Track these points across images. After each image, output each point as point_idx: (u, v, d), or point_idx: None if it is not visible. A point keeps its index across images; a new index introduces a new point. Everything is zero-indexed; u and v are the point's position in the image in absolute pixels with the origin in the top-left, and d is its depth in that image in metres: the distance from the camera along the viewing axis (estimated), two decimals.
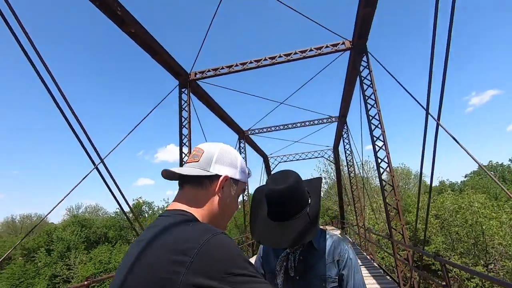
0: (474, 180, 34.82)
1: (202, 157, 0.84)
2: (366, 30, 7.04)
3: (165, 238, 0.68)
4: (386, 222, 7.05)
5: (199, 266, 0.61)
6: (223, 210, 0.83)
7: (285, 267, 1.20)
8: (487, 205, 15.58)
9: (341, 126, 14.92)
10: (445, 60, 3.56)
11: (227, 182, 0.83)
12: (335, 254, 1.19)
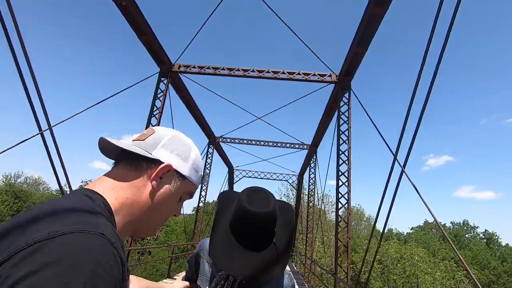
0: (419, 234, 36.90)
1: (150, 137, 0.69)
2: (353, 68, 7.28)
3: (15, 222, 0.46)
4: (334, 258, 7.04)
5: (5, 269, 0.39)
6: (154, 206, 0.66)
7: (221, 285, 1.04)
8: (425, 260, 16.43)
9: (310, 155, 15.17)
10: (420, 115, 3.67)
11: (169, 173, 0.67)
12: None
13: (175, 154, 0.69)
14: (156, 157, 0.66)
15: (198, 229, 15.39)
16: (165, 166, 0.66)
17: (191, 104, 10.65)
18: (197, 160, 0.75)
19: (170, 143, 0.70)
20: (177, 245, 11.15)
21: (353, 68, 7.25)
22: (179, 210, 0.76)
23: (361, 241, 20.93)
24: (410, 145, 3.77)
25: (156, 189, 0.66)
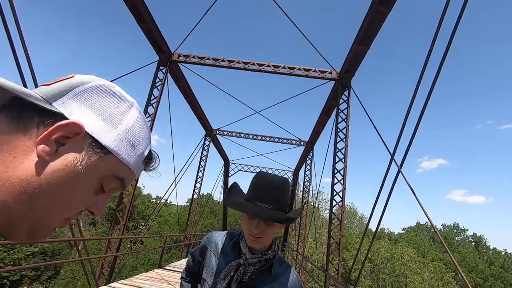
0: (410, 235, 37.35)
1: (61, 83, 0.43)
2: (354, 66, 7.23)
3: None
4: (325, 255, 7.09)
5: None
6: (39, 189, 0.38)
7: (231, 277, 1.09)
8: (415, 260, 16.66)
9: (307, 152, 15.17)
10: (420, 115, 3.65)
11: (77, 138, 0.40)
12: (287, 285, 1.13)
13: (96, 111, 0.43)
14: (58, 110, 0.40)
15: (192, 220, 15.40)
16: (68, 124, 0.39)
17: (189, 94, 10.55)
18: (137, 128, 0.47)
19: (90, 93, 0.43)
20: (170, 235, 11.15)
21: (354, 66, 7.20)
22: (100, 207, 0.45)
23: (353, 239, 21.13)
24: (408, 145, 3.76)
25: (46, 160, 0.38)
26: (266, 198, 1.08)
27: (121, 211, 7.48)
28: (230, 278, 1.09)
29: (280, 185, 1.11)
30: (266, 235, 1.08)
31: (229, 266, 1.11)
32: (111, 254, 6.72)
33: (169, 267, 9.91)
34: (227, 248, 1.19)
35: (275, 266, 1.14)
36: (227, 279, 1.09)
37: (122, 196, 7.59)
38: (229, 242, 1.21)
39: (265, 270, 1.13)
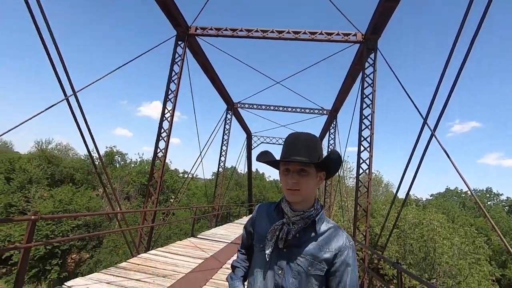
0: (439, 201, 36.57)
1: None
2: (381, 26, 6.75)
3: None
4: (353, 222, 7.15)
5: None
6: None
7: (277, 236, 1.13)
8: (444, 226, 16.41)
9: (330, 121, 14.85)
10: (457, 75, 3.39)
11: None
12: (334, 246, 1.11)
13: None
14: None
15: (218, 192, 15.95)
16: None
17: (208, 69, 10.46)
18: None
19: None
20: (199, 207, 11.68)
21: (381, 26, 6.71)
22: None
23: (379, 207, 21.05)
24: (442, 107, 3.54)
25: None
26: (297, 151, 1.11)
27: (153, 186, 7.87)
28: (276, 237, 1.13)
29: (308, 138, 1.15)
30: (303, 186, 1.10)
31: (274, 226, 1.15)
32: (148, 225, 7.19)
33: (201, 235, 10.49)
34: (272, 213, 1.23)
35: (319, 224, 1.14)
36: (273, 239, 1.13)
37: (153, 171, 7.95)
38: (273, 208, 1.25)
39: (309, 227, 1.14)
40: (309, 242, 1.12)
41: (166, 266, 5.78)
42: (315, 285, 1.09)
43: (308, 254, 1.10)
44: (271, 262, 1.13)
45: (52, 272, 20.36)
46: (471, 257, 15.44)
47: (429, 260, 15.19)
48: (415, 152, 4.47)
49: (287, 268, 1.11)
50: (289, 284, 1.09)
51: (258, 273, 1.17)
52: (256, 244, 1.22)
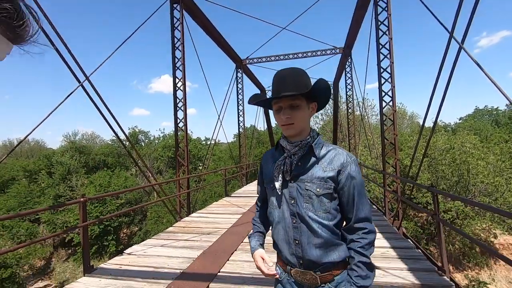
0: (469, 123, 35.16)
1: None
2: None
3: None
4: (381, 156, 7.11)
5: None
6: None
7: (282, 171, 1.19)
8: (478, 147, 15.94)
9: (344, 59, 14.08)
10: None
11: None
12: (336, 163, 1.16)
13: None
14: None
15: (243, 152, 16.27)
16: None
17: (210, 29, 9.99)
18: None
19: None
20: (227, 168, 12.08)
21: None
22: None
23: (405, 139, 20.62)
24: (470, 17, 3.19)
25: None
26: (284, 87, 1.15)
27: (180, 156, 8.15)
28: (282, 172, 1.19)
29: (293, 72, 1.17)
30: (296, 119, 1.16)
31: (277, 163, 1.22)
32: (185, 191, 7.60)
33: (234, 194, 11.01)
34: (275, 154, 1.30)
35: (317, 148, 1.20)
36: (280, 174, 1.19)
37: (177, 142, 8.15)
38: (274, 150, 1.33)
39: (308, 154, 1.20)
40: (312, 166, 1.18)
41: (208, 225, 6.21)
42: (327, 203, 1.15)
43: (314, 177, 1.15)
44: (283, 195, 1.20)
45: (110, 246, 22.68)
46: (508, 173, 15.13)
47: (463, 183, 15.10)
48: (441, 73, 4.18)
49: (298, 196, 1.17)
50: (303, 209, 1.15)
51: (274, 210, 1.25)
52: (267, 186, 1.29)
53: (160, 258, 4.26)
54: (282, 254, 1.23)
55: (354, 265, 1.13)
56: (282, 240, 1.21)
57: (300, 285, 1.19)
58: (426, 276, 3.36)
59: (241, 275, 3.54)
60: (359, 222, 1.14)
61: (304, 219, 1.15)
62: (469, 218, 14.34)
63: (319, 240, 1.13)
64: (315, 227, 1.13)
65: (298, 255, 1.17)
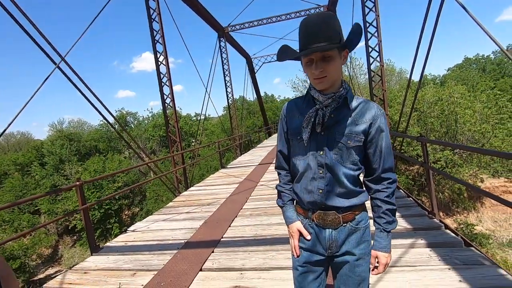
0: (456, 73, 35.29)
1: None
2: None
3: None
4: None
5: None
6: None
7: (313, 123, 1.16)
8: (465, 96, 16.17)
9: None
10: None
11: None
12: (368, 116, 1.16)
13: None
14: None
15: (234, 124, 16.21)
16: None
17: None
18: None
19: None
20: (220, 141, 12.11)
21: None
22: None
23: (395, 95, 20.70)
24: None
25: None
26: (315, 38, 1.06)
27: (172, 132, 8.08)
28: (312, 124, 1.16)
29: (324, 19, 1.07)
30: (329, 72, 1.09)
31: (308, 114, 1.17)
32: (180, 167, 7.66)
33: (230, 165, 11.13)
34: (301, 106, 1.24)
35: (350, 100, 1.17)
36: (309, 126, 1.16)
37: (167, 119, 8.04)
38: (301, 99, 1.27)
39: (341, 106, 1.17)
40: (345, 119, 1.16)
41: (207, 196, 6.34)
42: (355, 155, 1.17)
43: (346, 130, 1.15)
44: (311, 147, 1.19)
45: (114, 229, 23.17)
46: (493, 119, 15.54)
47: (451, 133, 15.52)
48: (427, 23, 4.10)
49: (327, 148, 1.16)
50: (331, 160, 1.16)
51: (300, 161, 1.23)
52: (293, 137, 1.25)
53: (164, 231, 4.38)
54: (303, 202, 1.24)
55: (382, 213, 1.20)
56: (304, 190, 1.23)
57: (322, 227, 1.22)
58: (417, 221, 3.55)
59: (243, 238, 3.69)
60: (385, 172, 1.19)
61: (332, 170, 1.16)
62: (458, 166, 14.93)
63: (343, 190, 1.17)
64: (341, 177, 1.16)
65: (321, 202, 1.19)
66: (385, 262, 1.22)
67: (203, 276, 2.90)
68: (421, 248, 2.91)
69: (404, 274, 2.47)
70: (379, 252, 1.22)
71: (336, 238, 1.21)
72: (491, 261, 2.55)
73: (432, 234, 3.16)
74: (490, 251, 14.52)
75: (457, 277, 2.32)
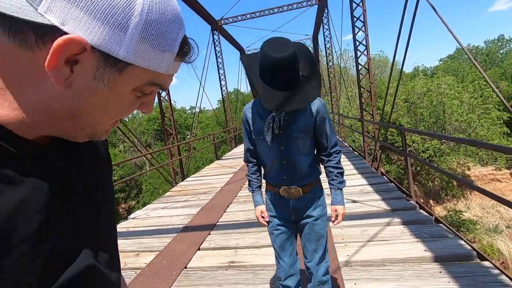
0: (447, 64, 35.75)
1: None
2: None
3: None
4: (359, 105, 7.47)
5: None
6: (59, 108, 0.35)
7: (272, 127, 1.40)
8: (453, 87, 16.57)
9: (321, 11, 13.82)
10: None
11: (84, 56, 0.31)
12: (313, 110, 1.44)
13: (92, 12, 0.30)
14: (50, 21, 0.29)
15: (229, 117, 16.42)
16: (67, 42, 0.29)
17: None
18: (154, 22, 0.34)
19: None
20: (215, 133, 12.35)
21: None
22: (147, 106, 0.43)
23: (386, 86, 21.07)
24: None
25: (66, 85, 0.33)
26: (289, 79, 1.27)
27: (167, 125, 8.31)
28: (272, 128, 1.42)
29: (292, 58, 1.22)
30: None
31: (267, 121, 1.42)
32: (177, 158, 7.92)
33: (225, 157, 11.41)
34: (259, 110, 1.49)
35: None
36: (270, 130, 1.42)
37: (163, 113, 8.25)
38: (258, 105, 1.50)
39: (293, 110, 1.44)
40: (298, 118, 1.42)
41: (203, 186, 6.63)
42: (309, 143, 1.48)
43: (300, 125, 1.42)
44: (273, 145, 1.44)
45: None
46: (479, 109, 16.02)
47: (440, 123, 15.97)
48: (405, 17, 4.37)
49: (286, 143, 1.43)
50: (292, 153, 1.44)
51: (266, 157, 1.52)
52: (257, 137, 1.50)
53: (163, 218, 4.68)
54: (272, 183, 1.55)
55: (334, 176, 1.54)
56: (273, 177, 1.53)
57: (286, 199, 1.52)
58: (395, 203, 3.90)
59: (237, 222, 4.00)
60: (333, 147, 1.53)
61: (292, 159, 1.45)
62: (445, 155, 15.42)
63: (303, 172, 1.48)
64: (301, 164, 1.46)
65: (286, 183, 1.50)
66: (342, 212, 1.55)
67: (201, 254, 3.21)
68: (396, 226, 3.25)
69: (379, 247, 2.81)
70: (337, 206, 1.56)
71: (298, 205, 1.54)
72: (454, 233, 2.90)
73: (407, 214, 3.51)
74: (477, 236, 15.16)
75: (423, 248, 2.66)
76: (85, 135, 0.41)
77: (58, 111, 0.35)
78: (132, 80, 0.36)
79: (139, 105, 0.42)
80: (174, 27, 0.36)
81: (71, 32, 0.30)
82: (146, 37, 0.34)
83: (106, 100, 0.37)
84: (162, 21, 0.35)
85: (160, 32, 0.35)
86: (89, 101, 0.36)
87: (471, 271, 2.27)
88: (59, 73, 0.31)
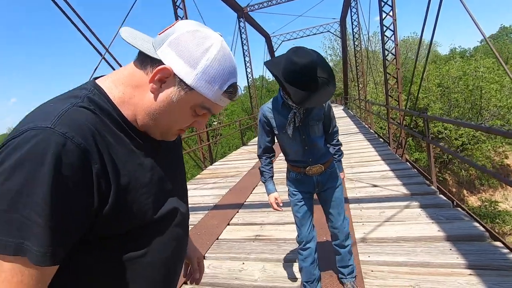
0: (486, 46, 33.03)
1: (165, 32, 0.59)
2: None
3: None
4: (385, 91, 7.40)
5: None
6: (154, 112, 0.60)
7: (294, 121, 1.72)
8: (493, 70, 15.49)
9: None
10: None
11: (169, 79, 0.57)
12: (324, 105, 1.79)
13: (181, 55, 0.56)
14: (159, 57, 0.56)
15: (254, 103, 16.66)
16: (162, 69, 0.56)
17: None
18: (213, 67, 0.57)
19: (178, 41, 0.56)
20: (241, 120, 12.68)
21: None
22: (199, 124, 0.66)
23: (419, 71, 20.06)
24: None
25: (156, 93, 0.58)
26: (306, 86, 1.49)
27: None
28: (293, 122, 1.72)
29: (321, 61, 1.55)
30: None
31: (289, 118, 1.71)
32: (206, 144, 8.39)
33: (251, 143, 11.77)
34: (280, 110, 1.76)
35: None
36: (291, 124, 1.72)
37: None
38: (277, 105, 1.77)
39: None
40: (313, 111, 1.75)
41: (231, 170, 7.04)
42: (321, 127, 1.84)
43: (316, 116, 1.76)
44: (295, 136, 1.75)
45: None
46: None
47: (476, 109, 15.11)
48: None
49: (306, 132, 1.75)
50: (311, 138, 1.78)
51: (290, 145, 1.80)
52: (279, 131, 1.78)
53: (195, 197, 5.14)
54: (298, 165, 1.85)
55: (336, 151, 2.00)
56: (299, 160, 1.83)
57: (310, 176, 1.84)
58: (416, 187, 4.01)
59: (263, 202, 4.34)
60: (334, 127, 1.95)
61: (313, 143, 1.78)
62: (481, 142, 14.66)
63: (321, 151, 1.84)
64: (318, 145, 1.80)
65: (311, 164, 1.83)
66: (343, 176, 2.06)
67: (231, 228, 3.60)
68: (413, 209, 3.41)
69: (395, 227, 3.02)
70: (340, 173, 2.02)
71: (321, 180, 1.87)
72: (471, 216, 3.02)
73: (426, 198, 3.63)
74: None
75: (437, 228, 2.84)
76: (159, 135, 0.65)
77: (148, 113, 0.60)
78: (191, 99, 0.59)
79: (194, 122, 0.65)
80: (226, 74, 0.60)
81: (167, 64, 0.56)
82: (206, 76, 0.57)
83: (173, 109, 0.60)
84: (219, 69, 0.58)
85: (216, 74, 0.58)
86: (164, 108, 0.59)
87: (481, 249, 2.43)
88: (154, 85, 0.58)
